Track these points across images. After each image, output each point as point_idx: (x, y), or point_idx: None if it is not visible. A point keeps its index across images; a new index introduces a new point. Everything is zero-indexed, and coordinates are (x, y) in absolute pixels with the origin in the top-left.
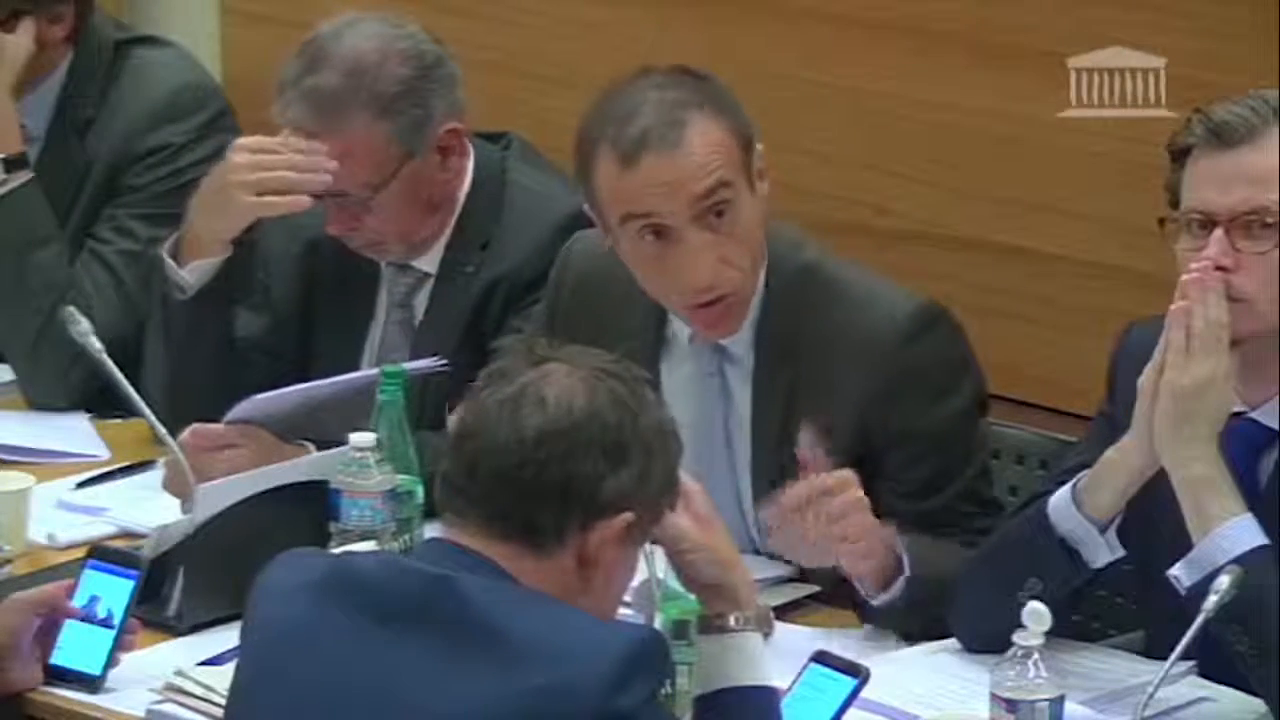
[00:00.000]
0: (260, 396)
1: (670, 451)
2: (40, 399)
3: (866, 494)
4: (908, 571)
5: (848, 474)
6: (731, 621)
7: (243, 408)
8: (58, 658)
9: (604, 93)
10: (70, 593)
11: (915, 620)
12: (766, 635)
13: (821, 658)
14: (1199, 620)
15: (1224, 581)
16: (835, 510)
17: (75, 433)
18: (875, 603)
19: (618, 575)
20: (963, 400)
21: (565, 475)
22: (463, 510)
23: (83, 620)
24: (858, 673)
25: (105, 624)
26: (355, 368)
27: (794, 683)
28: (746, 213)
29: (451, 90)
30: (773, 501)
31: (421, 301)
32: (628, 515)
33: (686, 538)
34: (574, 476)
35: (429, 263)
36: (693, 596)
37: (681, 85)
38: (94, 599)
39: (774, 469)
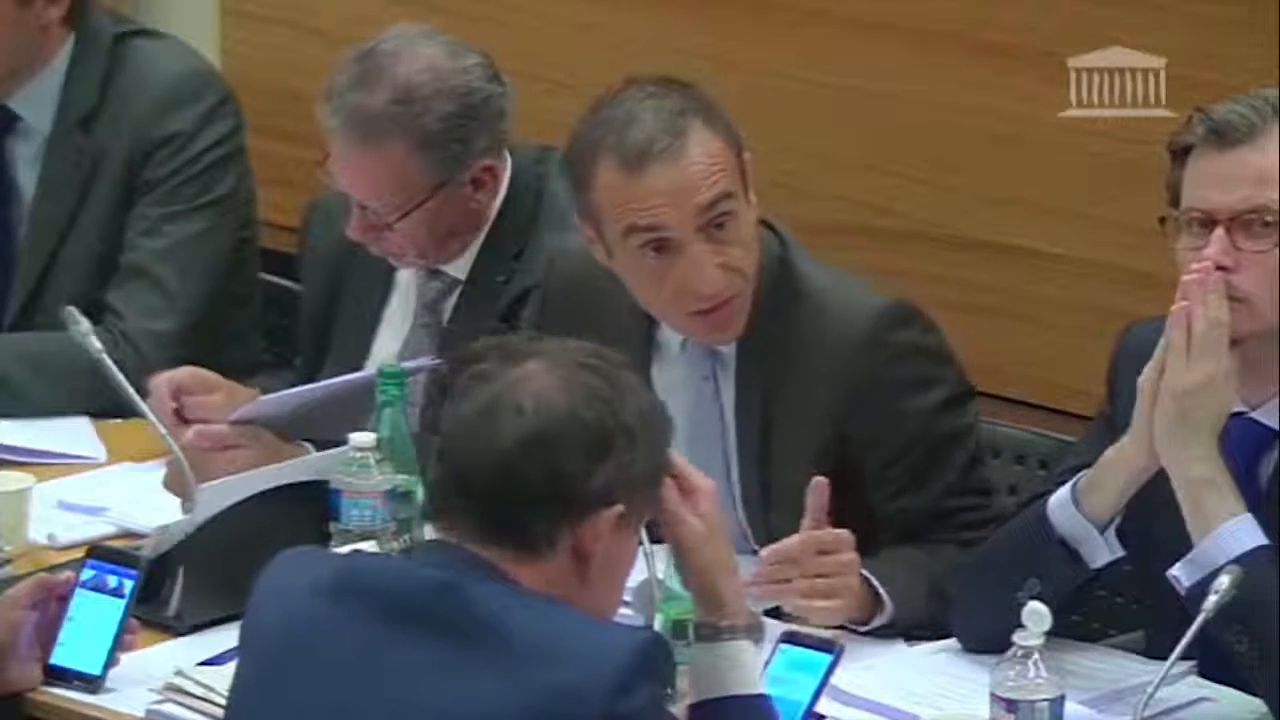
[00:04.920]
0: (265, 398)
1: (655, 435)
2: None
3: (854, 502)
4: (889, 604)
5: (844, 534)
6: (720, 629)
7: (248, 409)
8: (58, 657)
9: (595, 103)
10: (67, 589)
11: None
12: (757, 642)
13: (791, 638)
14: (1199, 620)
15: (1224, 581)
16: (825, 569)
17: (75, 433)
18: (862, 630)
19: (616, 567)
20: (940, 394)
21: (549, 479)
22: (453, 520)
23: (92, 590)
24: (831, 647)
25: (116, 594)
26: (361, 366)
27: (765, 666)
28: (745, 220)
29: (496, 126)
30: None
31: (449, 307)
32: (618, 507)
33: (691, 537)
34: (558, 479)
35: (459, 269)
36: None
37: (672, 94)
38: (94, 593)
39: (756, 470)
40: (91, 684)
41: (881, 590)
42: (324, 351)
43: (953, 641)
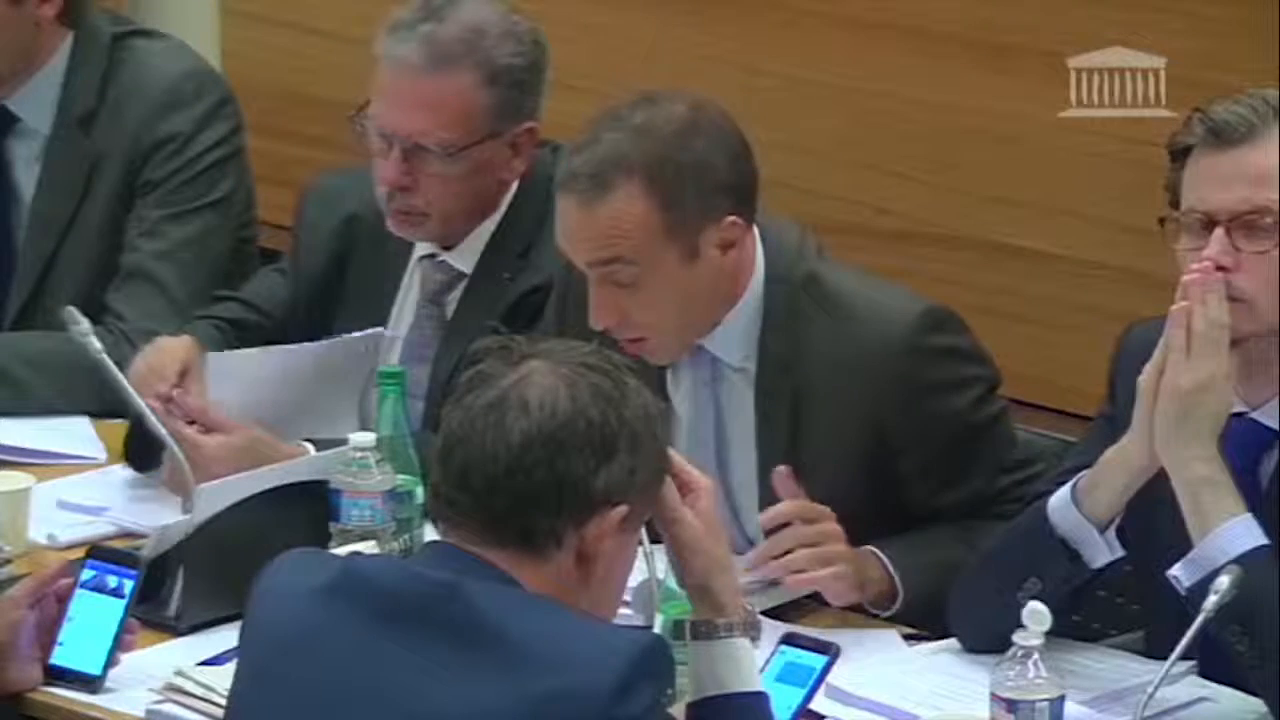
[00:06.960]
0: (221, 354)
1: (657, 435)
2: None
3: (889, 504)
4: (901, 589)
5: (823, 508)
6: (718, 627)
7: (214, 370)
8: (58, 658)
9: (626, 98)
10: (67, 589)
11: (932, 614)
12: (754, 640)
13: (791, 639)
14: (1199, 620)
15: (1224, 581)
16: (814, 537)
17: (75, 433)
18: (884, 616)
19: (617, 566)
20: (979, 388)
21: (555, 478)
22: (456, 520)
23: (92, 590)
24: (827, 650)
25: (116, 594)
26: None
27: (764, 665)
28: (662, 283)
29: (544, 94)
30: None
31: (453, 300)
32: (622, 508)
33: (689, 535)
34: (563, 478)
35: (465, 262)
36: None
37: (650, 136)
38: (94, 593)
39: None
40: (91, 684)
41: (886, 562)
42: (325, 329)
43: (953, 641)
